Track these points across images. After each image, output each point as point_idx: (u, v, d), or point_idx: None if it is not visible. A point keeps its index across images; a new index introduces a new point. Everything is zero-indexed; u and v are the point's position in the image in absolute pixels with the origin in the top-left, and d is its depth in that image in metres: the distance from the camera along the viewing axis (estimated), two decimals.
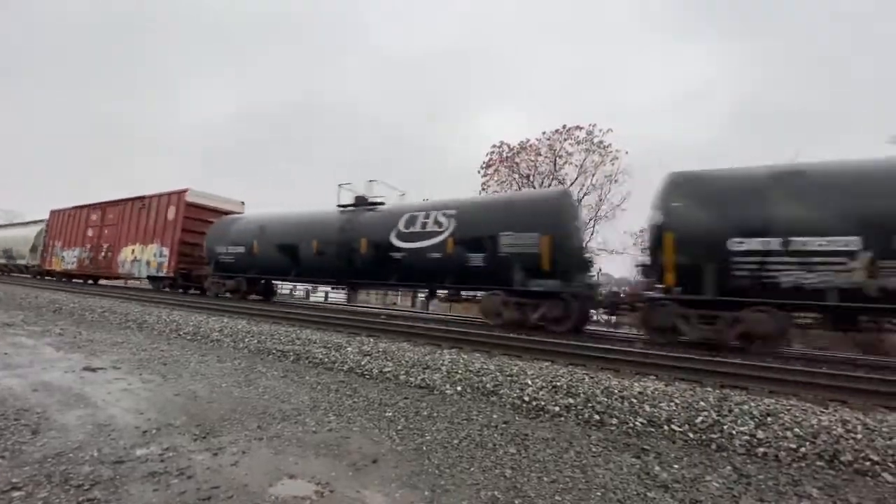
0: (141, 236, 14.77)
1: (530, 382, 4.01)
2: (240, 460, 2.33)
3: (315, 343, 5.79)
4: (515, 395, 3.83)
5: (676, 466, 2.60)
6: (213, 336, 6.41)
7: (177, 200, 13.93)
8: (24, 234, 21.73)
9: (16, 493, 1.84)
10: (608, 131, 19.51)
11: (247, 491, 1.99)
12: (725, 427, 3.11)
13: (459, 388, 4.08)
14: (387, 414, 3.33)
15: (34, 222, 21.68)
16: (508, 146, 21.11)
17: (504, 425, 3.20)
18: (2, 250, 22.97)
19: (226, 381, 4.02)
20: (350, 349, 5.44)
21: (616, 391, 3.73)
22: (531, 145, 20.72)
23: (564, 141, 20.08)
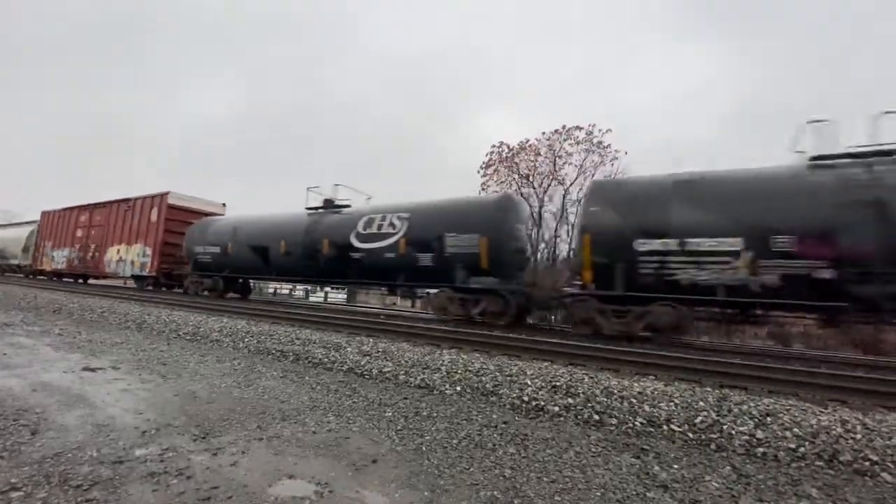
0: (126, 237, 15.22)
1: (530, 382, 4.01)
2: (239, 460, 2.33)
3: (314, 343, 5.79)
4: (515, 395, 3.83)
5: (676, 466, 2.60)
6: (213, 336, 6.41)
7: (159, 203, 14.39)
8: (16, 234, 22.11)
9: (15, 494, 1.84)
10: (608, 131, 19.52)
11: (246, 491, 1.99)
12: (725, 427, 3.12)
13: (459, 388, 4.08)
14: (386, 414, 3.33)
15: (26, 223, 22.08)
16: (508, 146, 21.09)
17: (503, 425, 3.20)
18: None
19: (225, 382, 4.02)
20: (349, 349, 5.44)
21: (615, 391, 3.74)
22: (531, 145, 20.70)
23: (564, 141, 20.08)
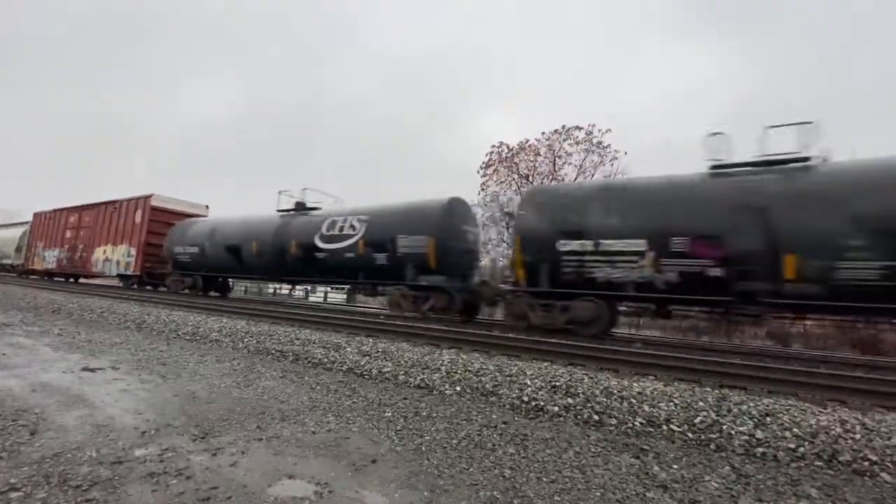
0: (112, 237, 15.78)
1: (529, 383, 4.01)
2: (239, 461, 2.32)
3: (314, 343, 5.79)
4: (514, 395, 3.83)
5: (675, 466, 2.60)
6: (212, 336, 6.41)
7: (143, 205, 14.99)
8: (9, 235, 22.56)
9: (14, 494, 1.84)
10: (607, 131, 19.54)
11: (246, 491, 1.99)
12: (724, 427, 3.12)
13: (458, 389, 4.08)
14: (386, 414, 3.33)
15: (19, 224, 22.59)
16: (508, 146, 21.12)
17: (503, 425, 3.20)
18: None
19: (225, 382, 4.02)
20: (349, 349, 5.44)
21: (615, 391, 3.74)
22: (530, 145, 20.72)
23: (564, 141, 20.09)
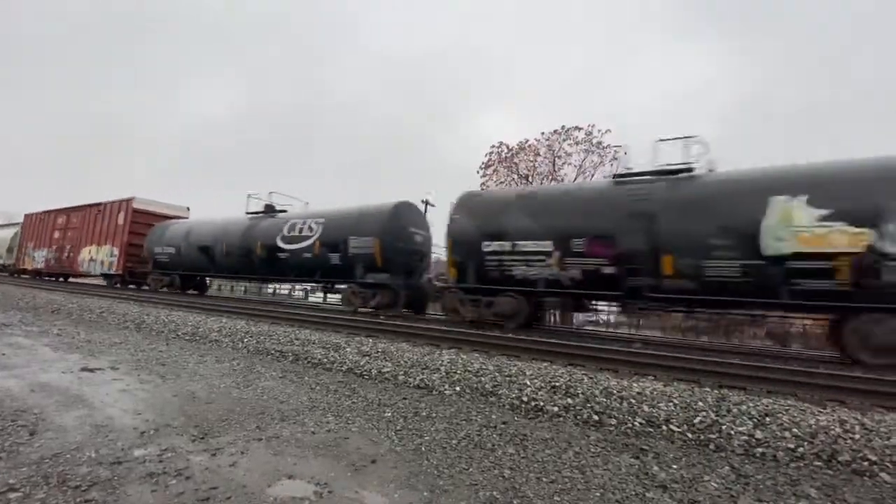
0: (97, 238, 16.50)
1: (529, 383, 4.01)
2: (238, 461, 2.32)
3: (314, 343, 5.79)
4: (514, 395, 3.83)
5: (675, 466, 2.60)
6: (212, 336, 6.40)
7: (125, 207, 15.68)
8: (1, 236, 23.16)
9: (13, 495, 1.84)
10: (607, 132, 19.54)
11: (245, 492, 1.99)
12: (724, 427, 3.12)
13: (458, 389, 4.08)
14: (386, 414, 3.33)
15: (11, 225, 23.22)
16: (507, 146, 21.12)
17: (503, 426, 3.20)
18: None
19: (224, 382, 4.02)
20: (349, 349, 5.44)
21: (615, 391, 3.74)
22: (530, 146, 20.73)
23: (563, 141, 20.10)
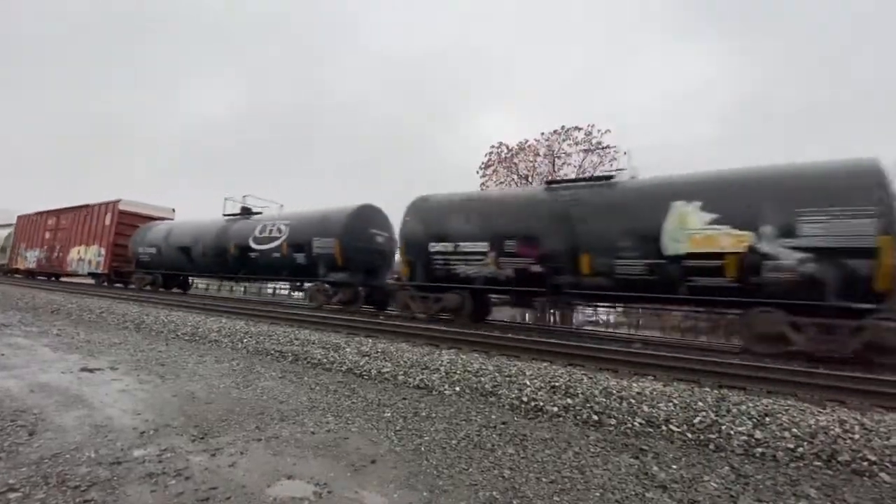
0: (85, 239, 17.08)
1: (529, 383, 4.01)
2: (238, 461, 2.32)
3: (313, 343, 5.79)
4: (514, 395, 3.83)
5: (675, 467, 2.60)
6: (212, 336, 6.40)
7: (112, 209, 16.27)
8: None
9: (12, 495, 1.83)
10: (606, 132, 19.54)
11: (245, 492, 1.99)
12: (723, 427, 3.12)
13: (458, 389, 4.08)
14: (385, 414, 3.33)
15: (4, 226, 23.60)
16: (507, 147, 21.11)
17: (502, 426, 3.20)
18: None
19: (224, 382, 4.02)
20: (348, 350, 5.43)
21: (614, 391, 3.74)
22: (530, 146, 20.72)
23: (563, 142, 20.09)
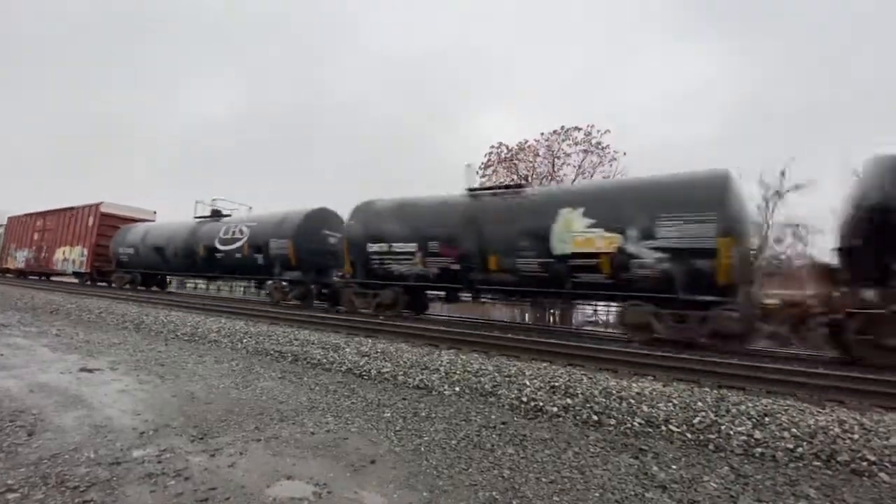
0: (69, 240, 17.72)
1: (528, 383, 4.01)
2: (237, 461, 2.32)
3: (313, 344, 5.78)
4: (514, 395, 3.83)
5: (674, 467, 2.60)
6: (211, 337, 6.40)
7: (94, 211, 16.90)
8: None
9: (11, 495, 1.83)
10: (606, 132, 19.55)
11: (244, 492, 1.98)
12: (723, 427, 3.12)
13: (458, 389, 4.08)
14: (385, 415, 3.33)
15: None
16: (507, 147, 21.12)
17: (502, 426, 3.20)
18: None
19: (223, 382, 4.01)
20: (348, 350, 5.43)
21: (614, 392, 3.74)
22: (529, 146, 20.73)
23: (562, 142, 20.10)
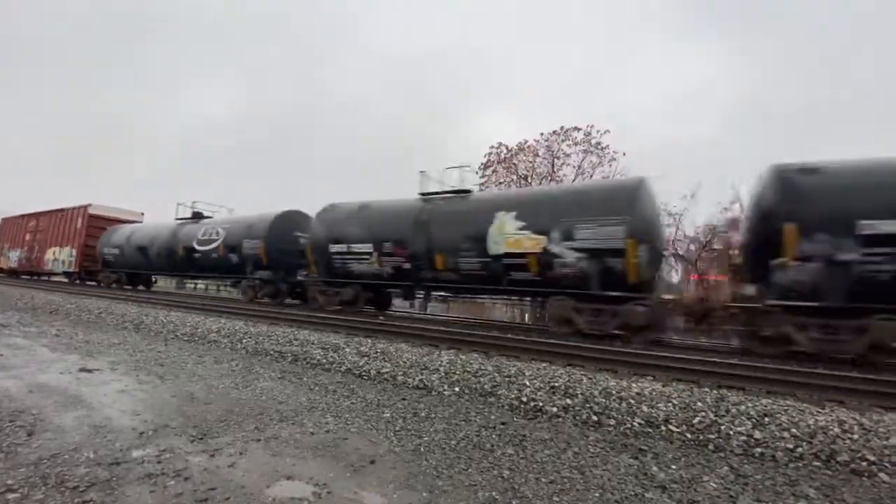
0: (59, 240, 18.42)
1: (528, 383, 4.01)
2: (237, 462, 2.32)
3: (313, 344, 5.78)
4: (513, 395, 3.83)
5: (674, 467, 2.60)
6: (211, 337, 6.40)
7: (83, 213, 17.57)
8: None
9: (11, 496, 1.83)
10: (606, 132, 19.53)
11: (244, 492, 1.98)
12: (723, 427, 3.12)
13: (457, 389, 4.08)
14: (385, 415, 3.32)
15: None
16: (506, 147, 21.10)
17: (502, 426, 3.20)
18: None
19: (223, 383, 4.01)
20: (348, 350, 5.43)
21: (614, 392, 3.74)
22: (529, 146, 20.71)
23: (562, 142, 20.09)
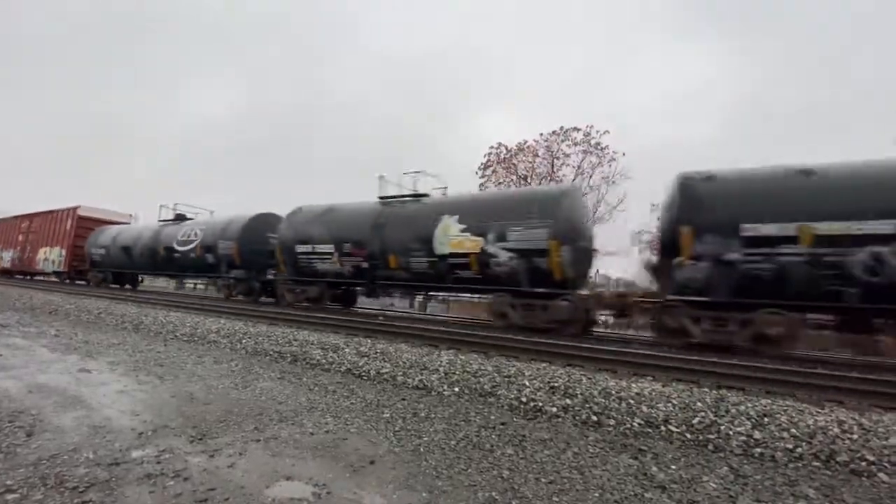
0: (50, 241, 18.98)
1: (528, 383, 4.01)
2: (236, 462, 2.32)
3: (312, 344, 5.78)
4: (513, 396, 3.83)
5: (674, 467, 2.60)
6: (210, 337, 6.39)
7: (72, 214, 18.17)
8: None
9: (10, 496, 1.83)
10: (605, 132, 19.57)
11: (243, 493, 1.98)
12: (722, 428, 3.12)
13: (457, 390, 4.08)
14: (384, 415, 3.32)
15: None
16: (506, 147, 21.14)
17: (502, 426, 3.20)
18: None
19: (222, 383, 4.01)
20: (347, 350, 5.43)
21: (614, 392, 3.74)
22: (529, 146, 20.75)
23: (562, 142, 20.12)
